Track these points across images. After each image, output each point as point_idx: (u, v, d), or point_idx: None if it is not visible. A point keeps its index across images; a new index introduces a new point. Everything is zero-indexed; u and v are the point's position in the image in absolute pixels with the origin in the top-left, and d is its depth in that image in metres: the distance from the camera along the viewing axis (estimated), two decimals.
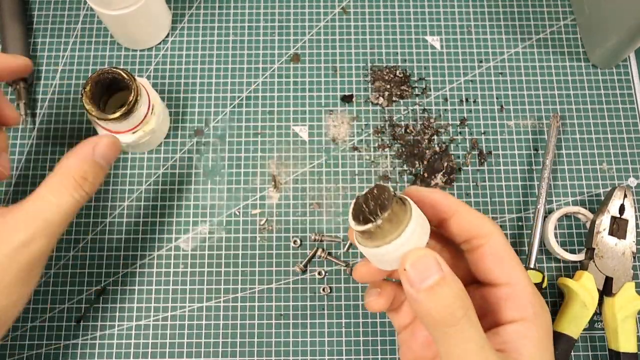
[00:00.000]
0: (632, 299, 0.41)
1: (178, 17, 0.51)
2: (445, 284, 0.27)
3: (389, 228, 0.28)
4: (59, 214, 0.34)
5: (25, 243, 0.33)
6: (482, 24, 0.51)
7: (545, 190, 0.44)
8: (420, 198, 0.31)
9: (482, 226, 0.30)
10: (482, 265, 0.30)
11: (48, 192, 0.34)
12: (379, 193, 0.28)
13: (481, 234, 0.30)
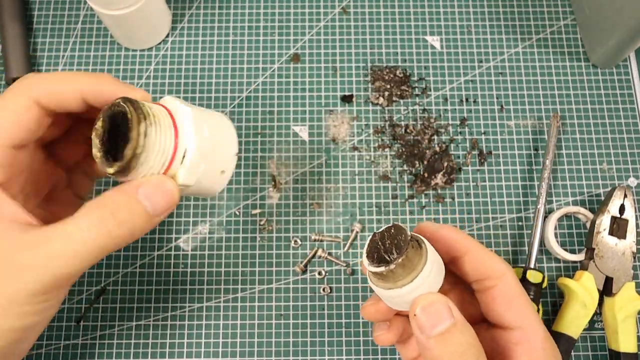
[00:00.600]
0: (632, 299, 0.41)
1: (178, 17, 0.51)
2: (457, 330, 0.26)
3: (402, 272, 0.28)
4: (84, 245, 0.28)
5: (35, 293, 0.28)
6: (482, 24, 0.51)
7: (546, 190, 0.44)
8: (432, 235, 0.31)
9: (494, 267, 0.30)
10: (493, 307, 0.30)
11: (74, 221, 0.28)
12: (396, 233, 0.29)
13: (493, 275, 0.30)
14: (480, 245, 0.31)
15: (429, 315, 0.27)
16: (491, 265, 0.30)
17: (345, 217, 0.46)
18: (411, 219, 0.46)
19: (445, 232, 0.31)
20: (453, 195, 0.47)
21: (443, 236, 0.31)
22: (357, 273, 0.45)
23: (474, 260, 0.30)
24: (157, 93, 0.49)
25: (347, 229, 0.46)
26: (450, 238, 0.31)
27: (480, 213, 0.46)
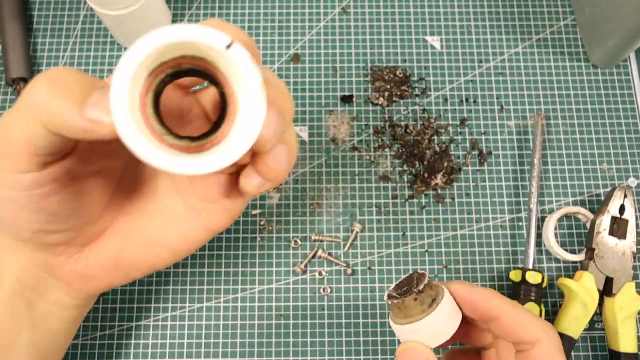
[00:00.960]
0: (632, 299, 0.41)
1: (178, 17, 0.51)
2: None
3: (411, 310, 0.30)
4: None
5: None
6: (482, 24, 0.51)
7: (537, 189, 0.44)
8: (463, 297, 0.31)
9: (529, 331, 0.30)
10: None
11: None
12: (419, 278, 0.31)
13: (528, 340, 0.30)
14: (516, 307, 0.30)
15: (404, 357, 0.29)
16: (526, 329, 0.30)
17: (345, 217, 0.46)
18: (411, 219, 0.46)
19: (478, 296, 0.31)
20: (453, 195, 0.47)
21: (475, 300, 0.31)
22: (357, 273, 0.45)
23: (508, 323, 0.30)
24: None
25: (347, 229, 0.46)
26: (483, 301, 0.31)
27: (480, 213, 0.46)
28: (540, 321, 0.30)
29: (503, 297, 0.31)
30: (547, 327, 0.30)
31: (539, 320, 0.30)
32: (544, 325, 0.30)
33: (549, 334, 0.30)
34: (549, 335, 0.30)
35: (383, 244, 0.45)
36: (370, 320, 0.44)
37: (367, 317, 0.44)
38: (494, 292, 0.31)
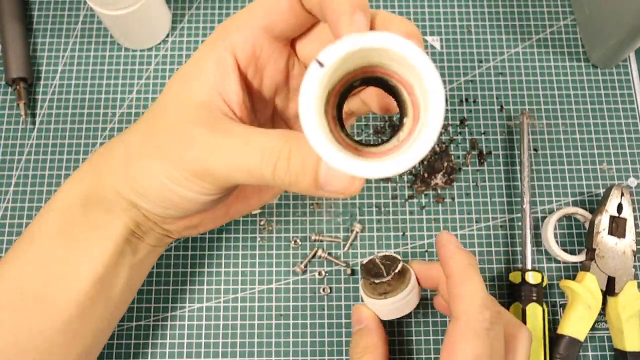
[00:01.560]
0: (635, 297, 0.41)
1: (178, 17, 0.51)
2: (361, 333, 0.38)
3: (390, 287, 0.38)
4: None
5: None
6: (482, 24, 0.51)
7: (528, 189, 0.44)
8: (420, 272, 0.39)
9: (455, 306, 0.34)
10: None
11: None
12: (391, 260, 0.38)
13: (453, 313, 0.34)
14: (454, 280, 0.34)
15: (353, 317, 0.40)
16: (453, 303, 0.34)
17: (345, 217, 0.46)
18: (411, 219, 0.46)
19: (433, 271, 0.39)
20: (453, 195, 0.47)
21: (430, 274, 0.39)
22: (357, 273, 0.45)
23: (445, 294, 0.37)
24: (157, 93, 0.49)
25: (347, 229, 0.46)
26: (435, 275, 0.38)
27: (480, 213, 0.46)
28: (469, 301, 0.33)
29: (451, 270, 0.34)
30: (470, 308, 0.32)
31: (469, 299, 0.33)
32: (469, 306, 0.32)
33: (469, 316, 0.32)
34: (468, 317, 0.32)
35: (383, 244, 0.45)
36: None
37: None
38: (440, 266, 0.37)
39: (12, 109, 0.48)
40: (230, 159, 0.27)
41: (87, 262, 0.32)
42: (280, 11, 0.28)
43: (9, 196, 0.46)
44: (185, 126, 0.29)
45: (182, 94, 0.30)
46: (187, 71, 0.30)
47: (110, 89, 0.49)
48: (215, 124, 0.28)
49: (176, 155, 0.29)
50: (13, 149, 0.47)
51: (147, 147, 0.30)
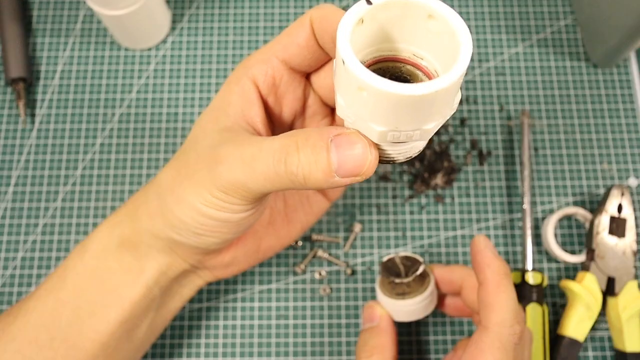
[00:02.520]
0: (635, 297, 0.41)
1: (178, 17, 0.51)
2: (372, 332, 0.38)
3: (409, 289, 0.38)
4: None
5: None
6: (482, 24, 0.51)
7: (529, 189, 0.44)
8: (441, 275, 0.39)
9: (483, 315, 0.34)
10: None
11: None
12: (412, 260, 0.38)
13: (480, 322, 0.35)
14: (480, 289, 0.34)
15: (365, 313, 0.39)
16: (482, 311, 0.34)
17: (345, 217, 0.46)
18: (411, 219, 0.46)
19: (454, 274, 0.39)
20: (453, 195, 0.47)
21: (452, 278, 0.39)
22: (357, 273, 0.45)
23: (467, 300, 0.38)
24: (157, 93, 0.49)
25: (347, 229, 0.46)
26: (457, 279, 0.39)
27: (480, 213, 0.46)
28: (502, 313, 0.33)
29: (487, 278, 0.34)
30: (502, 321, 0.32)
31: (502, 311, 0.33)
32: (501, 318, 0.32)
33: (500, 328, 0.32)
34: (499, 329, 0.32)
35: (383, 244, 0.45)
36: None
37: None
38: (467, 271, 0.38)
39: (12, 109, 0.48)
40: (250, 167, 0.28)
41: (116, 305, 0.33)
42: (298, 46, 0.30)
43: (9, 196, 0.46)
44: (212, 150, 0.30)
45: (209, 127, 0.31)
46: (214, 106, 0.32)
47: (110, 89, 0.49)
48: (238, 139, 0.29)
49: (206, 177, 0.29)
50: (12, 149, 0.47)
51: (179, 179, 0.31)
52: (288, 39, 0.31)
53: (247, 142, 0.29)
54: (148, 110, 0.48)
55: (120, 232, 0.34)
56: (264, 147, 0.27)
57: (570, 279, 0.44)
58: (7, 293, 0.44)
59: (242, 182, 0.28)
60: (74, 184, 0.47)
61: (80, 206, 0.46)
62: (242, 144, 0.29)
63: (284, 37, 0.31)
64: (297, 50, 0.31)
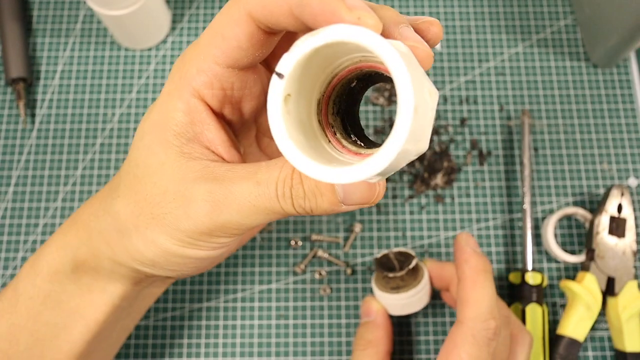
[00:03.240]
0: (635, 297, 0.41)
1: (178, 17, 0.51)
2: (367, 326, 0.39)
3: (403, 283, 0.38)
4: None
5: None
6: (482, 24, 0.51)
7: (529, 189, 0.44)
8: (433, 271, 0.40)
9: (460, 309, 0.34)
10: None
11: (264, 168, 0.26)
12: (405, 256, 0.39)
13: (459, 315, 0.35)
14: (462, 282, 0.35)
15: (362, 308, 0.41)
16: (460, 305, 0.35)
17: (345, 217, 0.46)
18: (411, 219, 0.46)
19: (445, 271, 0.40)
20: (453, 195, 0.47)
21: (443, 274, 0.40)
22: (357, 273, 0.45)
23: (455, 295, 0.38)
24: (157, 93, 0.49)
25: (347, 229, 0.46)
26: (448, 275, 0.40)
27: (480, 213, 0.46)
28: (475, 308, 0.33)
29: (463, 273, 0.35)
30: (476, 316, 0.33)
31: (476, 306, 0.33)
32: (475, 313, 0.33)
33: (473, 323, 0.33)
34: (472, 324, 0.33)
35: (383, 244, 0.45)
36: None
37: None
38: (453, 267, 0.38)
39: (12, 109, 0.48)
40: (245, 205, 0.26)
41: (79, 325, 0.32)
42: (240, 48, 0.26)
43: (9, 196, 0.46)
44: (181, 186, 0.27)
45: (160, 151, 0.27)
46: (156, 122, 0.28)
47: (110, 89, 0.49)
48: (214, 175, 0.26)
49: (181, 220, 0.27)
50: (12, 149, 0.47)
51: (143, 217, 0.28)
52: (226, 43, 0.26)
53: (231, 179, 0.26)
54: None
55: (73, 255, 0.32)
56: (262, 180, 0.25)
57: (570, 279, 0.44)
58: None
59: (236, 221, 0.26)
60: (74, 184, 0.47)
61: (81, 206, 0.46)
62: (226, 182, 0.26)
63: (219, 40, 0.26)
64: (240, 52, 0.26)
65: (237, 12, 0.25)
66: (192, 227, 0.27)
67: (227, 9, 0.26)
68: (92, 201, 0.32)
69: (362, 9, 0.21)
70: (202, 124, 0.28)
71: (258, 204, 0.26)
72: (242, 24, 0.25)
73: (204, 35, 0.27)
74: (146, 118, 0.29)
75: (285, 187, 0.25)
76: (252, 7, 0.25)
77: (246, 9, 0.25)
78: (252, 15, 0.25)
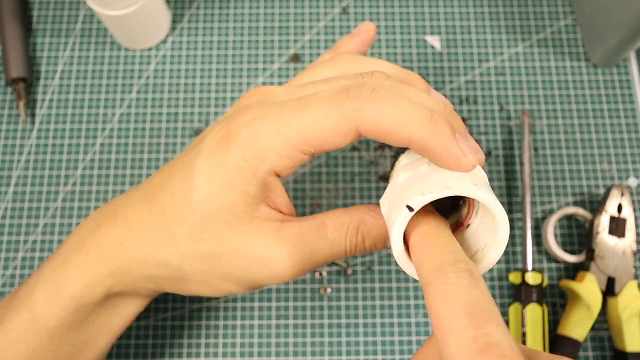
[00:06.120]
0: (635, 297, 0.41)
1: (178, 17, 0.51)
2: None
3: None
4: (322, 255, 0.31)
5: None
6: (482, 24, 0.51)
7: (529, 189, 0.44)
8: None
9: None
10: None
11: (332, 226, 0.30)
12: None
13: None
14: None
15: None
16: None
17: None
18: None
19: None
20: None
21: None
22: (357, 273, 0.45)
23: None
24: (157, 93, 0.49)
25: None
26: None
27: None
28: None
29: None
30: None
31: None
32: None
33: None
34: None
35: None
36: (370, 320, 0.44)
37: (367, 317, 0.44)
38: None
39: (12, 109, 0.48)
40: (321, 263, 0.31)
41: (108, 336, 0.34)
42: (336, 148, 0.28)
43: (9, 196, 0.46)
44: (263, 251, 0.29)
45: (233, 219, 0.29)
46: (228, 206, 0.29)
47: (110, 89, 0.49)
48: (288, 239, 0.30)
49: (263, 279, 0.30)
50: (12, 149, 0.47)
51: (214, 274, 0.31)
52: (322, 146, 0.27)
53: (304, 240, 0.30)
54: (148, 110, 0.49)
55: (107, 290, 0.31)
56: (334, 242, 0.30)
57: (570, 279, 0.44)
58: (7, 293, 0.44)
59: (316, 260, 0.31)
60: (74, 184, 0.47)
61: (81, 206, 0.46)
62: (302, 245, 0.30)
63: (315, 140, 0.27)
64: (329, 148, 0.28)
65: (347, 126, 0.26)
66: (272, 281, 0.30)
67: (335, 119, 0.26)
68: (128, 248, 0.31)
69: (474, 154, 0.25)
70: (274, 192, 0.30)
71: (332, 257, 0.31)
72: (350, 137, 0.27)
73: (295, 123, 0.27)
74: (208, 197, 0.29)
75: (352, 244, 0.30)
76: (366, 130, 0.26)
77: (358, 125, 0.26)
78: (364, 133, 0.26)
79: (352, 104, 0.26)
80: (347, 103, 0.26)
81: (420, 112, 0.26)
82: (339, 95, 0.26)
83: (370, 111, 0.26)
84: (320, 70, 0.32)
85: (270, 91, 0.31)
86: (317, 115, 0.27)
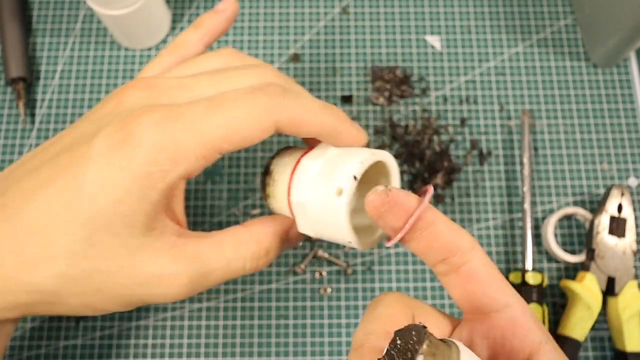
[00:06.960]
0: (635, 297, 0.41)
1: (178, 17, 0.51)
2: None
3: None
4: (221, 271, 0.30)
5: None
6: (482, 24, 0.51)
7: (529, 189, 0.44)
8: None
9: (463, 240, 0.25)
10: (470, 287, 0.25)
11: (230, 245, 0.30)
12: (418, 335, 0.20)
13: (463, 249, 0.25)
14: (443, 217, 0.26)
15: None
16: (459, 238, 0.25)
17: None
18: None
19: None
20: (453, 195, 0.47)
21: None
22: (357, 273, 0.45)
23: (436, 233, 0.25)
24: None
25: None
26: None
27: (480, 213, 0.46)
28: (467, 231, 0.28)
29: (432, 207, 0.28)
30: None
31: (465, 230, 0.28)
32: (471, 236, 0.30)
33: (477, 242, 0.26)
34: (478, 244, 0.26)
35: (382, 243, 0.45)
36: None
37: None
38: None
39: (12, 109, 0.48)
40: (219, 281, 0.30)
41: None
42: (252, 144, 0.28)
43: None
44: (156, 270, 0.28)
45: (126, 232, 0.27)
46: (122, 214, 0.26)
47: (110, 89, 0.49)
48: (185, 255, 0.29)
49: (158, 299, 0.29)
50: (12, 149, 0.47)
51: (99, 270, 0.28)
52: (242, 142, 0.27)
53: (202, 259, 0.29)
54: None
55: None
56: (231, 260, 0.30)
57: (570, 279, 0.44)
58: None
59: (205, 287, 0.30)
60: None
61: None
62: (199, 263, 0.29)
63: (234, 136, 0.27)
64: (247, 144, 0.28)
65: (267, 121, 0.27)
66: (160, 301, 0.29)
67: (257, 116, 0.27)
68: None
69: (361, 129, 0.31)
70: (175, 197, 0.29)
71: (228, 277, 0.30)
72: (268, 131, 0.28)
73: (213, 122, 0.26)
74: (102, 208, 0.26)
75: (253, 260, 0.31)
76: (283, 124, 0.28)
77: (277, 120, 0.27)
78: (280, 127, 0.28)
79: (271, 101, 0.27)
80: (267, 100, 0.27)
81: (320, 104, 0.29)
82: (257, 93, 0.27)
83: (288, 107, 0.28)
84: (206, 61, 0.32)
85: (158, 83, 0.29)
86: (237, 112, 0.27)
